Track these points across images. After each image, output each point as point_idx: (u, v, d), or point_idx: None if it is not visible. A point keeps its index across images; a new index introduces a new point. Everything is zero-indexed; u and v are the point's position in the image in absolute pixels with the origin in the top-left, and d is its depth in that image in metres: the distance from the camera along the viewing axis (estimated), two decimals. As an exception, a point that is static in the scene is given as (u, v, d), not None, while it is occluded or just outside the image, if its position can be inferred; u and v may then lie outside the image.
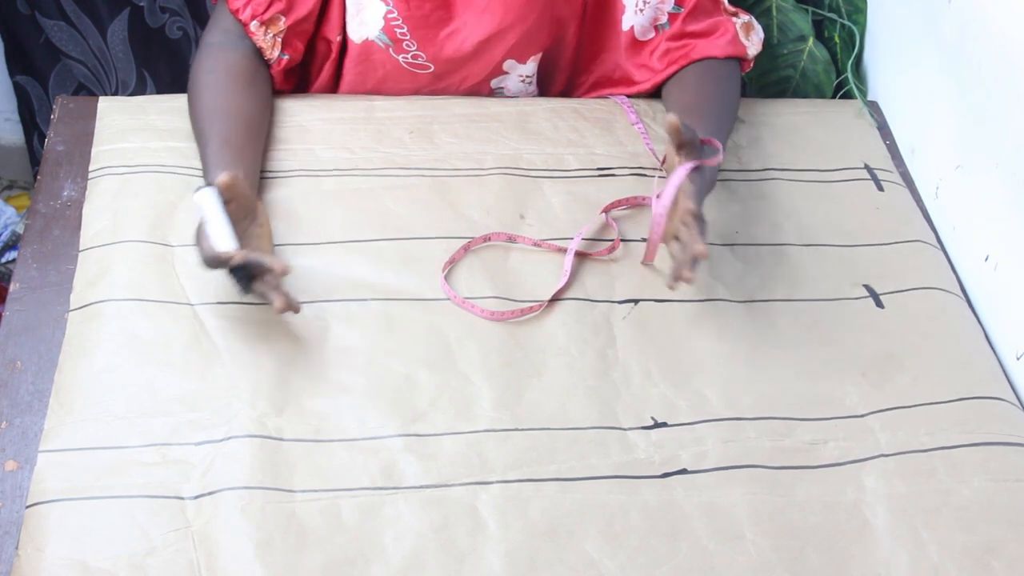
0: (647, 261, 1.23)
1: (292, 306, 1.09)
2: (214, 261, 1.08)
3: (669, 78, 1.43)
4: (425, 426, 1.07)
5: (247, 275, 1.08)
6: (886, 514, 1.04)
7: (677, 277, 1.12)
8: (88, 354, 1.09)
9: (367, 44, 1.38)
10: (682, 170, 1.16)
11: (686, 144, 1.16)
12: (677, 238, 1.15)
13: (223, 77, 1.31)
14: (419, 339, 1.15)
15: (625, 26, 1.43)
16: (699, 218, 1.13)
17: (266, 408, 1.06)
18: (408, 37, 1.36)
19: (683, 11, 1.42)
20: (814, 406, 1.13)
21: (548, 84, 1.49)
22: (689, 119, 1.33)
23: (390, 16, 1.35)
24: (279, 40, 1.34)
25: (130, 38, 1.86)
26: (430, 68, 1.40)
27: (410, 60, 1.39)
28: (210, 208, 1.09)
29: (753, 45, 1.44)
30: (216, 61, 1.32)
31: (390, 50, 1.38)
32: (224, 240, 1.08)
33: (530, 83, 1.46)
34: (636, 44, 1.44)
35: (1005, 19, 1.25)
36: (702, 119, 1.33)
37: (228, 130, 1.25)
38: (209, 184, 1.12)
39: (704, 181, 1.19)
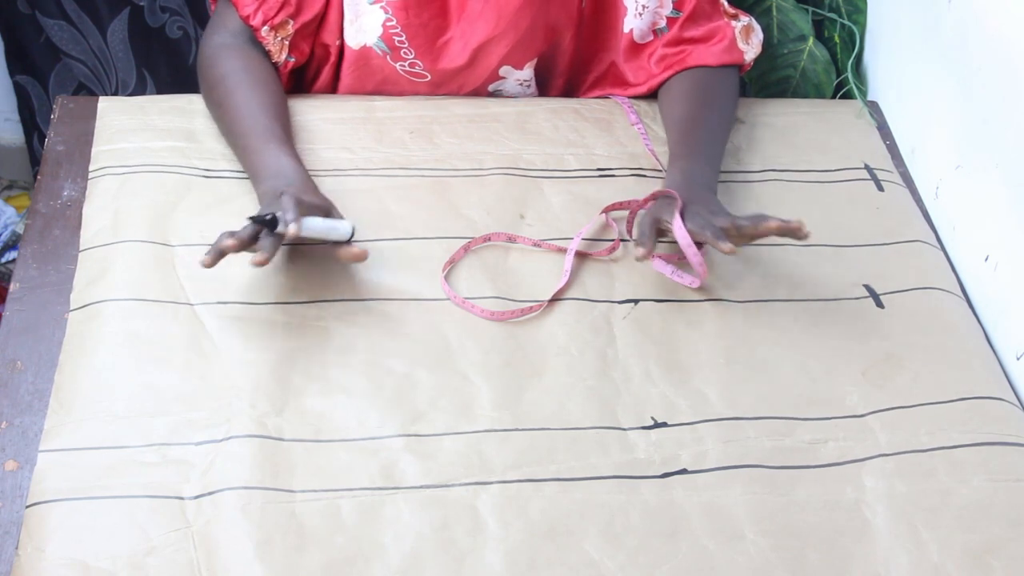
0: (703, 279, 1.22)
1: (261, 260, 1.09)
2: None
3: (664, 82, 1.43)
4: (425, 426, 1.07)
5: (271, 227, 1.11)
6: (886, 514, 1.04)
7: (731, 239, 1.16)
8: (88, 354, 1.09)
9: (364, 50, 1.38)
10: (677, 224, 1.18)
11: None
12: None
13: (254, 77, 1.31)
14: (419, 339, 1.15)
15: (625, 28, 1.43)
16: (737, 226, 1.17)
17: (266, 408, 1.06)
18: (406, 45, 1.36)
19: (682, 15, 1.42)
20: (814, 406, 1.13)
21: (547, 87, 1.49)
22: (684, 130, 1.34)
23: (389, 24, 1.35)
24: (287, 43, 1.34)
25: (130, 37, 1.86)
26: (427, 77, 1.40)
27: (407, 68, 1.39)
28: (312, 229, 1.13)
29: (752, 49, 1.44)
30: (241, 61, 1.32)
31: (387, 57, 1.38)
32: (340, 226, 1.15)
33: (528, 86, 1.46)
34: (635, 47, 1.44)
35: (1005, 20, 1.25)
36: (696, 131, 1.33)
37: (274, 127, 1.26)
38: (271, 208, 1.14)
39: (701, 203, 1.21)
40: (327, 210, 1.17)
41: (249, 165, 1.25)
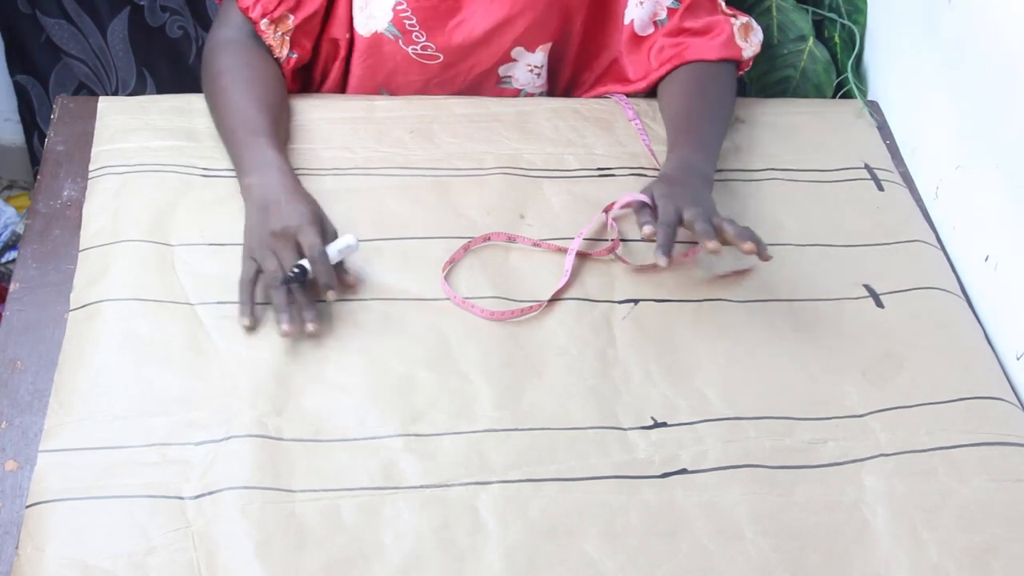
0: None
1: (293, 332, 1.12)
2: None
3: (663, 78, 1.43)
4: (425, 426, 1.07)
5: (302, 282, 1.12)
6: (886, 514, 1.04)
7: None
8: (88, 354, 1.09)
9: (376, 37, 1.38)
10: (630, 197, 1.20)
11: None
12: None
13: (251, 72, 1.32)
14: (419, 339, 1.15)
15: (626, 19, 1.44)
16: (702, 220, 1.16)
17: (266, 408, 1.06)
18: (417, 28, 1.37)
19: (681, 6, 1.42)
20: (814, 406, 1.13)
21: (556, 76, 1.49)
22: (682, 123, 1.34)
23: (399, 8, 1.36)
24: (287, 39, 1.34)
25: (130, 37, 1.86)
26: (439, 58, 1.40)
27: (419, 51, 1.39)
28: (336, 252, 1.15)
29: (750, 47, 1.44)
30: (241, 56, 1.33)
31: (399, 42, 1.38)
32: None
33: (539, 74, 1.46)
34: (635, 39, 1.45)
35: (1005, 19, 1.25)
36: (693, 124, 1.34)
37: (264, 121, 1.27)
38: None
39: (680, 186, 1.22)
40: (320, 216, 1.18)
41: (235, 158, 1.26)
